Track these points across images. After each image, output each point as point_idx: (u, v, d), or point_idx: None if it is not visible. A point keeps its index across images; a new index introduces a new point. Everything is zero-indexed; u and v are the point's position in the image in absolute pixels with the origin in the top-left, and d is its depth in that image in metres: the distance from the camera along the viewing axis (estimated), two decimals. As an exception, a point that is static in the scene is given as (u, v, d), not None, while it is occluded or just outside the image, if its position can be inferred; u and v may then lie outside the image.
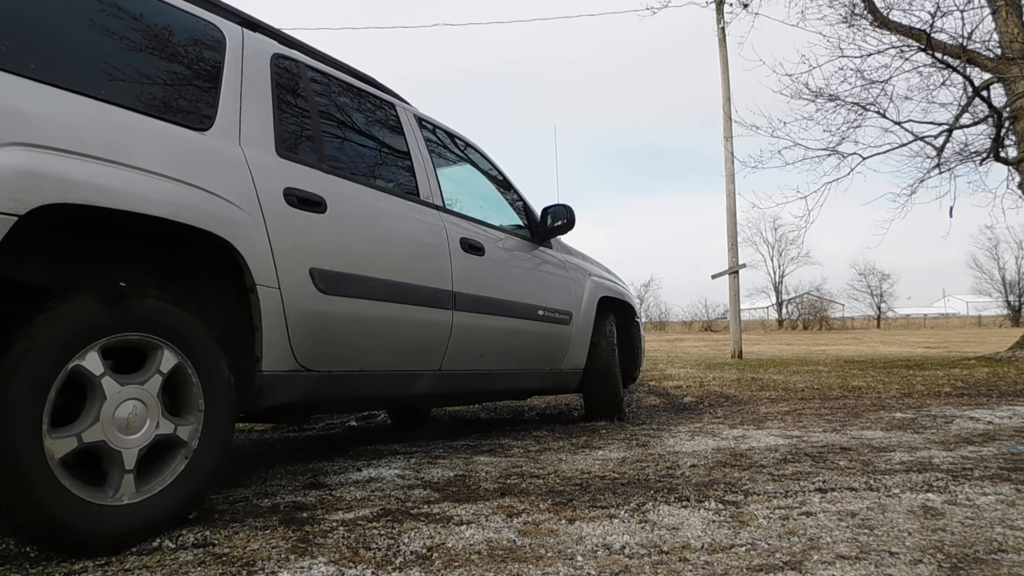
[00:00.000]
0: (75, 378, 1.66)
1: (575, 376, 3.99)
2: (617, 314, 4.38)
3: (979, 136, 9.71)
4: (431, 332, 2.86)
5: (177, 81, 2.13)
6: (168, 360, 1.84)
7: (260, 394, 2.17)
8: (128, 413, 1.73)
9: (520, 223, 3.80)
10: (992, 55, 9.06)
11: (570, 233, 3.97)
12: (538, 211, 3.84)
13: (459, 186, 3.65)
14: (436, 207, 3.02)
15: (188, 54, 2.19)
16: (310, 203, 2.34)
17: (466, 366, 3.12)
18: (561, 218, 3.75)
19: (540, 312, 3.55)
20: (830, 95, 9.70)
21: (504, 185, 3.87)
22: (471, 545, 1.77)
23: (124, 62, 1.96)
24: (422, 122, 3.29)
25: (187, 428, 1.89)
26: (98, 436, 1.68)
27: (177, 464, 1.88)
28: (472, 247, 3.13)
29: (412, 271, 2.75)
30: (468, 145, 3.76)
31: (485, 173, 3.82)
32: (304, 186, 2.34)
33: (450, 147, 3.63)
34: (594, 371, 4.05)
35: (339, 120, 2.82)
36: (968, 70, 8.99)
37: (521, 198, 3.88)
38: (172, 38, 2.15)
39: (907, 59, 9.37)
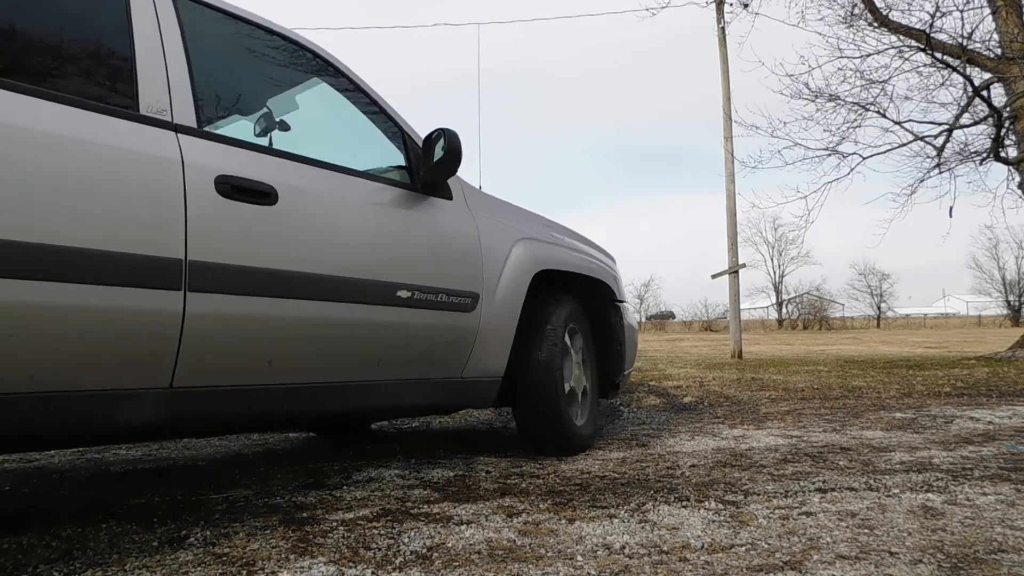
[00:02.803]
0: None
1: (489, 386, 2.77)
2: (583, 296, 3.28)
3: (979, 136, 9.72)
4: (132, 327, 1.74)
5: None
6: None
7: None
8: None
9: (401, 164, 2.63)
10: (992, 55, 9.06)
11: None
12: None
13: (304, 116, 2.69)
14: (172, 126, 1.88)
15: None
16: None
17: (235, 380, 1.98)
18: (439, 152, 2.50)
19: (403, 294, 2.33)
20: (830, 95, 9.71)
21: (378, 116, 2.64)
22: (471, 545, 1.77)
23: None
24: (199, 5, 2.14)
25: None
26: None
27: None
28: (245, 191, 1.96)
29: (76, 228, 1.64)
30: (318, 57, 2.51)
31: (349, 98, 2.62)
32: None
33: (280, 58, 2.48)
34: (526, 379, 2.84)
35: None
36: (968, 70, 9.00)
37: (403, 133, 2.63)
38: None
39: (907, 59, 9.37)
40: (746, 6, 11.35)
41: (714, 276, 11.96)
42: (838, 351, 13.11)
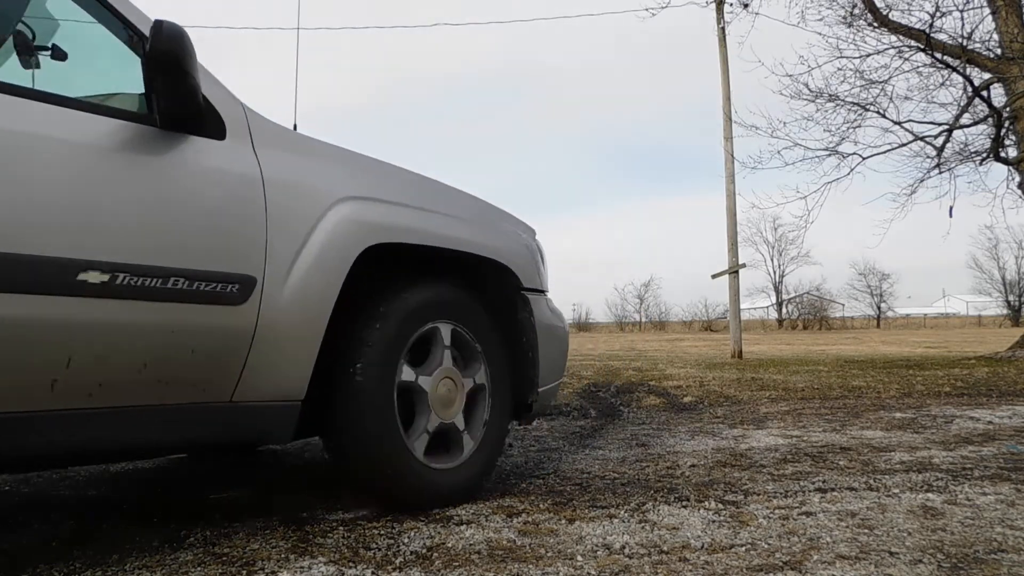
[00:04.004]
0: None
1: (280, 414, 1.88)
2: (477, 283, 2.45)
3: (979, 136, 9.75)
4: None
5: None
6: None
7: None
8: None
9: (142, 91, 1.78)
10: (992, 55, 9.07)
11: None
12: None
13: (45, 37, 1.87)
14: None
15: None
16: None
17: None
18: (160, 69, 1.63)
19: (91, 277, 1.54)
20: (830, 95, 9.73)
21: (119, 27, 1.76)
22: (471, 545, 1.78)
23: None
24: None
25: None
26: None
27: None
28: None
29: None
30: None
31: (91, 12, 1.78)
32: None
33: None
34: (338, 403, 1.98)
35: None
36: (968, 70, 9.01)
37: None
38: None
39: (907, 59, 9.39)
40: (746, 6, 11.37)
41: (714, 276, 11.97)
42: (838, 351, 13.11)
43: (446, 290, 2.26)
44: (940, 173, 9.90)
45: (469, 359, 2.32)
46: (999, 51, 9.05)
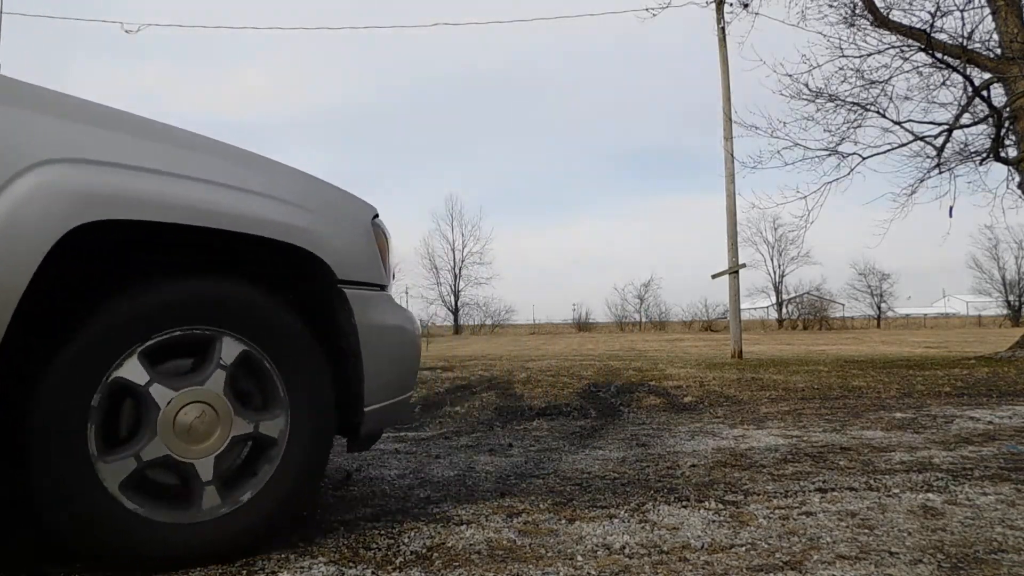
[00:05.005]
0: None
1: None
2: (284, 275, 1.99)
3: (979, 136, 9.73)
4: None
5: None
6: None
7: None
8: None
9: None
10: (992, 55, 9.07)
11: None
12: None
13: None
14: None
15: None
16: None
17: None
18: None
19: None
20: (830, 95, 9.70)
21: None
22: (471, 545, 1.78)
23: None
24: None
25: None
26: None
27: None
28: None
29: None
30: None
31: None
32: None
33: None
34: (19, 440, 1.53)
35: None
36: (968, 70, 9.01)
37: None
38: None
39: (907, 59, 9.38)
40: (746, 6, 11.34)
41: (714, 276, 11.96)
42: (838, 351, 13.11)
43: (206, 285, 1.73)
44: (940, 173, 9.89)
45: (249, 372, 1.77)
46: (999, 51, 9.05)
